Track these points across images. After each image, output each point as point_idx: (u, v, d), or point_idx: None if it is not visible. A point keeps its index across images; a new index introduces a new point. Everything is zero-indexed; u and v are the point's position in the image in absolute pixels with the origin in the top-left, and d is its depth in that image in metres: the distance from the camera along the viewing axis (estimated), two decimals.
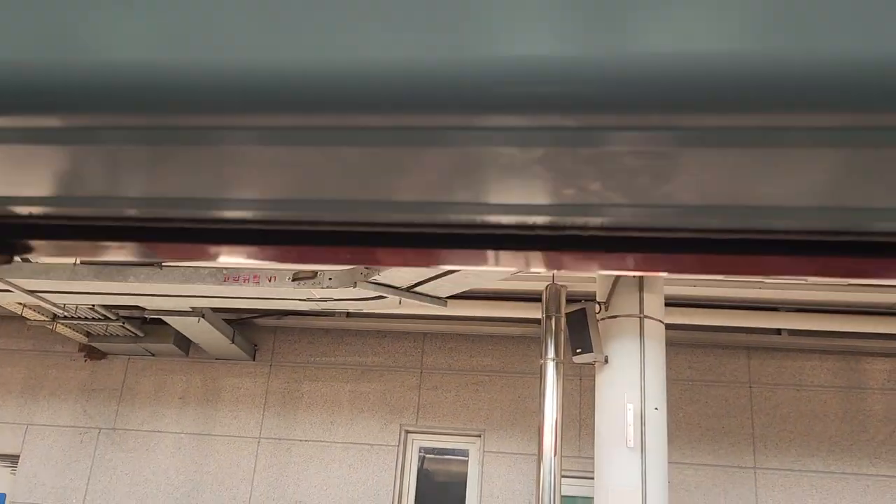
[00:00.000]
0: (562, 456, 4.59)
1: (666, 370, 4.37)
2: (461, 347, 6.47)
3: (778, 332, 5.90)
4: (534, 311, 5.88)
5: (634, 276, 4.33)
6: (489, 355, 6.42)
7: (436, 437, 6.40)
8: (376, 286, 4.12)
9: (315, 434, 6.41)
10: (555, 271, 4.92)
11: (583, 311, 4.23)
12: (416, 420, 6.35)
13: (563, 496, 6.35)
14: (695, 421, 5.98)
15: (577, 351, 4.22)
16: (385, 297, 4.35)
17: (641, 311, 4.28)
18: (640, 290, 4.32)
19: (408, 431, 6.41)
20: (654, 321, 4.31)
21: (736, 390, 6.03)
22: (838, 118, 0.56)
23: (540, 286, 5.20)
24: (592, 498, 6.16)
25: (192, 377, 6.71)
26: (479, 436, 6.27)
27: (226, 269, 4.41)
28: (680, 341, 6.13)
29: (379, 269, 4.00)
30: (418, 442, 6.44)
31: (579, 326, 4.23)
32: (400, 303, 4.29)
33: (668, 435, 5.77)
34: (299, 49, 0.57)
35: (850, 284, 5.41)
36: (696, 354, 6.16)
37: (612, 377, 4.23)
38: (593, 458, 5.91)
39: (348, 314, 6.46)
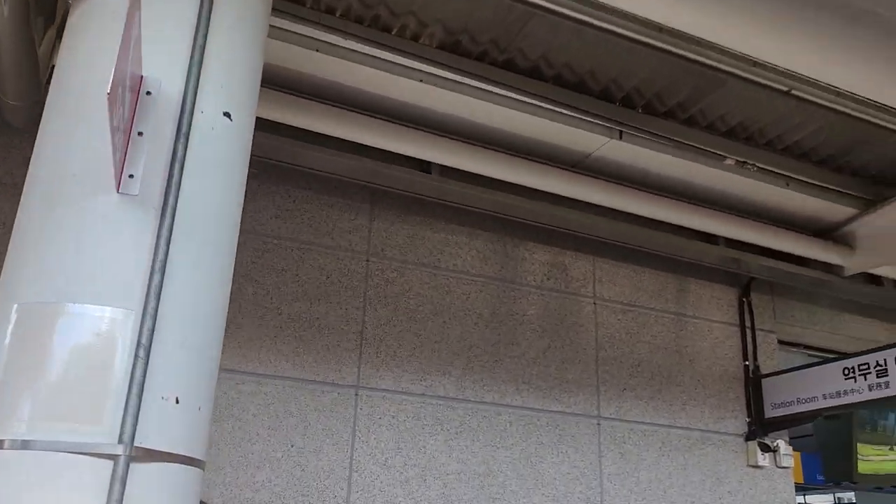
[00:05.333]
0: None
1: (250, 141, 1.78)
2: None
3: (428, 168, 3.73)
4: None
5: None
6: None
7: None
8: None
9: None
10: None
11: None
12: None
13: None
14: (273, 307, 3.48)
15: None
16: None
17: None
18: None
19: None
20: None
21: (346, 264, 3.70)
22: None
23: None
24: None
25: None
26: None
27: None
28: (266, 164, 3.62)
29: None
30: None
31: None
32: None
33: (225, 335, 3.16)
34: None
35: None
36: (288, 192, 3.69)
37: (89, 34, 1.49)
38: None
39: None
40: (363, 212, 3.80)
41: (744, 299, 4.65)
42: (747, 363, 4.53)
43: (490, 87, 3.40)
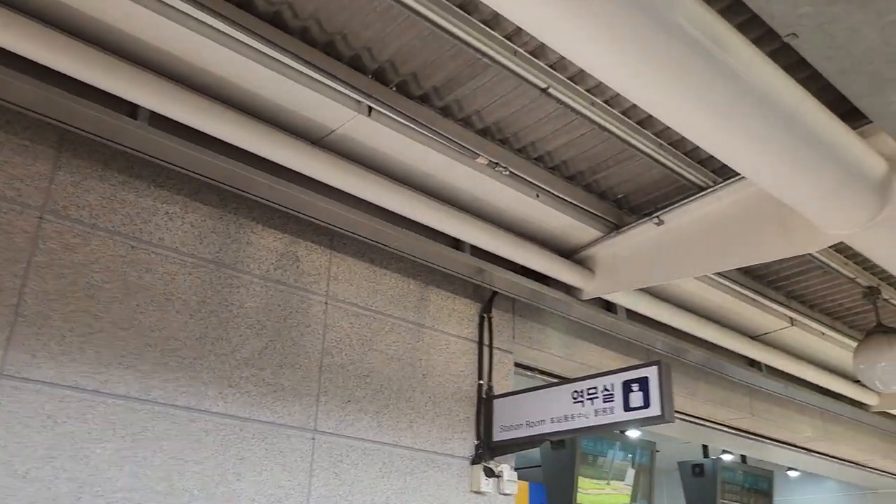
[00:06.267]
0: None
1: None
2: None
3: (133, 112, 3.05)
4: None
5: None
6: None
7: None
8: None
9: None
10: None
11: None
12: None
13: None
14: None
15: None
16: None
17: None
18: None
19: None
20: None
21: (9, 218, 2.89)
22: None
23: None
24: None
25: None
26: None
27: None
28: None
29: None
30: None
31: None
32: None
33: None
34: None
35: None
36: None
37: None
38: None
39: None
40: (45, 157, 3.02)
41: (485, 315, 4.44)
42: (482, 382, 4.30)
43: (221, 26, 2.84)
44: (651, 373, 3.58)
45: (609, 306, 4.84)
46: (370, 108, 3.25)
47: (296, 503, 3.35)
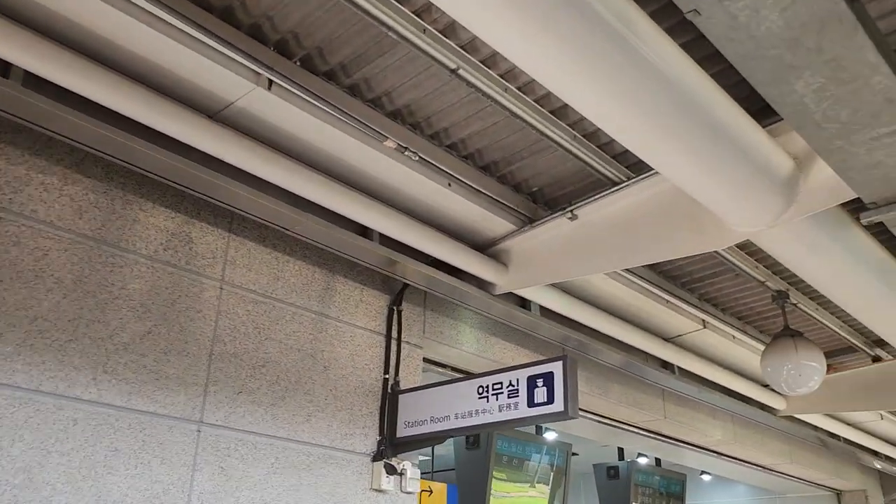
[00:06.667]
0: None
1: None
2: None
3: (5, 71, 2.78)
4: None
5: None
6: None
7: None
8: None
9: None
10: None
11: None
12: None
13: None
14: None
15: None
16: None
17: None
18: None
19: None
20: None
21: None
22: None
23: None
24: None
25: None
26: None
27: None
28: None
29: None
30: None
31: None
32: None
33: None
34: None
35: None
36: None
37: None
38: None
39: None
40: None
41: (394, 308, 4.28)
42: (387, 377, 4.15)
43: None
44: (556, 368, 3.50)
45: (523, 303, 4.75)
46: (270, 82, 3.06)
47: (175, 499, 3.13)
